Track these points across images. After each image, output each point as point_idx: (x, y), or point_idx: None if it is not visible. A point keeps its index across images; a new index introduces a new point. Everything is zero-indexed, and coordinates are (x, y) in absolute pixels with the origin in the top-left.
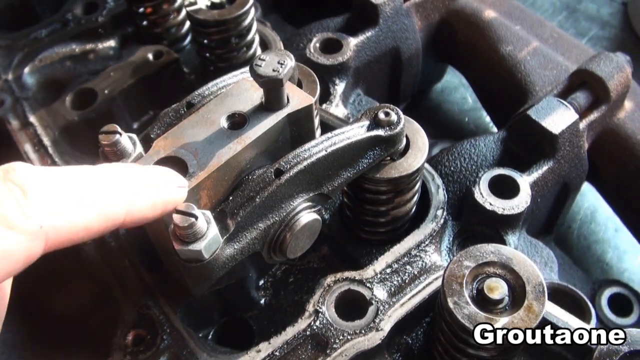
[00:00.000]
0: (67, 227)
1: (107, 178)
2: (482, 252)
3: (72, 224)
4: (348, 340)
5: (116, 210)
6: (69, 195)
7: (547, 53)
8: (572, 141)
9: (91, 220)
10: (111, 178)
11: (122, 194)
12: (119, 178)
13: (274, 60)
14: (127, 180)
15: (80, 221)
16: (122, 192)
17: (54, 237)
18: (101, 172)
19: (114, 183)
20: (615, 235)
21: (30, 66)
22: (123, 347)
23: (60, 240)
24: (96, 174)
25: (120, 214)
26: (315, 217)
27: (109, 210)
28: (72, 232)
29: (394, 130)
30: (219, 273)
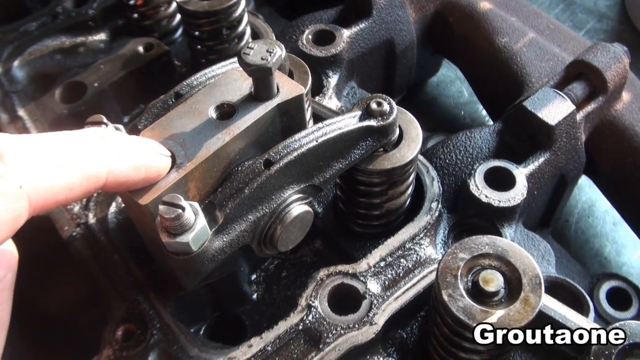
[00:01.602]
0: (48, 187)
1: (87, 139)
2: (477, 244)
3: (52, 183)
4: (341, 334)
5: (97, 169)
6: (47, 156)
7: (543, 44)
8: (569, 132)
9: (72, 179)
10: (91, 139)
11: (102, 154)
12: (99, 139)
13: (263, 49)
14: (108, 141)
15: (61, 180)
16: (102, 151)
17: (37, 198)
18: (81, 134)
19: (94, 143)
20: (613, 229)
21: (19, 59)
22: (113, 342)
23: (44, 201)
24: (75, 136)
25: (101, 173)
26: (306, 209)
27: (90, 168)
28: (54, 191)
29: (386, 120)
30: (208, 266)
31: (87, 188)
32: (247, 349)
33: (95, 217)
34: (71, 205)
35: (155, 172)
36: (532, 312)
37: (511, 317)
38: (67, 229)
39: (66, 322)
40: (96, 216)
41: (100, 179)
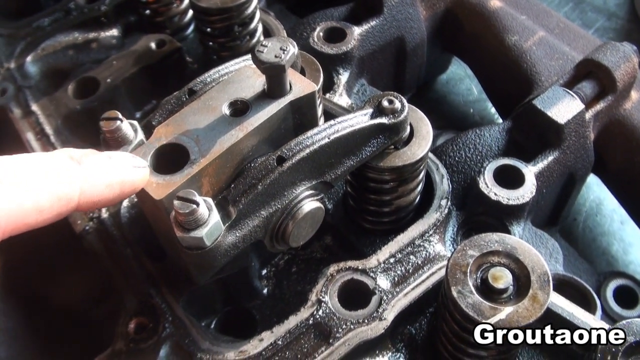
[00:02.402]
0: (17, 210)
1: (56, 160)
2: (486, 241)
3: (21, 206)
4: (351, 329)
5: (67, 191)
6: (14, 179)
7: (553, 43)
8: (578, 131)
9: (41, 202)
10: (60, 160)
11: (72, 175)
12: (69, 160)
13: (277, 46)
14: (77, 161)
15: (29, 203)
16: (72, 172)
17: (6, 221)
18: (50, 155)
19: (64, 165)
20: (621, 228)
21: (32, 55)
22: (125, 334)
23: (14, 224)
24: (44, 157)
25: (72, 195)
26: (317, 205)
27: (60, 190)
28: (23, 214)
29: (397, 118)
30: (221, 261)
31: (58, 210)
32: (258, 342)
33: (108, 211)
34: None
35: (131, 186)
36: (540, 309)
37: (519, 314)
38: (79, 223)
39: (78, 316)
40: (109, 211)
41: (72, 200)
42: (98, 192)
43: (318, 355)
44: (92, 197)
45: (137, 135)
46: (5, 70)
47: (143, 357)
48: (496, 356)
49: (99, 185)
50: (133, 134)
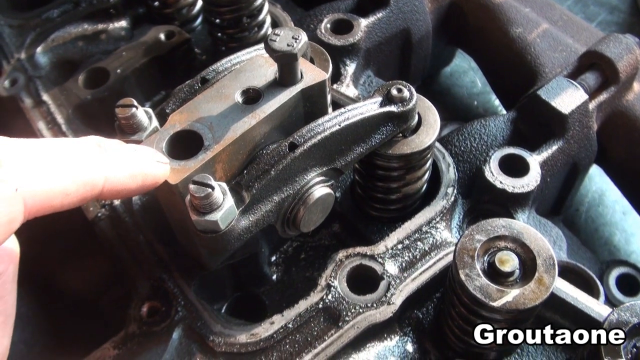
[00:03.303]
0: (44, 191)
1: (85, 146)
2: (493, 226)
3: (48, 188)
4: (360, 313)
5: (94, 177)
6: (44, 161)
7: (556, 35)
8: (581, 121)
9: (68, 185)
10: (88, 147)
11: (99, 162)
12: (96, 147)
13: (289, 35)
14: (105, 149)
15: (57, 185)
16: (99, 159)
17: (32, 202)
18: (78, 141)
19: (92, 151)
20: (623, 218)
21: (42, 46)
22: (138, 318)
23: (40, 205)
24: (73, 143)
25: (98, 181)
26: (328, 191)
27: (86, 176)
28: (50, 196)
29: (406, 106)
30: (234, 245)
31: (83, 195)
32: (269, 325)
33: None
34: None
35: (152, 180)
36: (546, 292)
37: (526, 296)
38: (92, 210)
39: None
40: None
41: (97, 186)
42: (122, 181)
43: (328, 338)
44: (116, 185)
45: (151, 123)
46: (15, 60)
47: (156, 339)
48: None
49: (123, 174)
50: (147, 121)
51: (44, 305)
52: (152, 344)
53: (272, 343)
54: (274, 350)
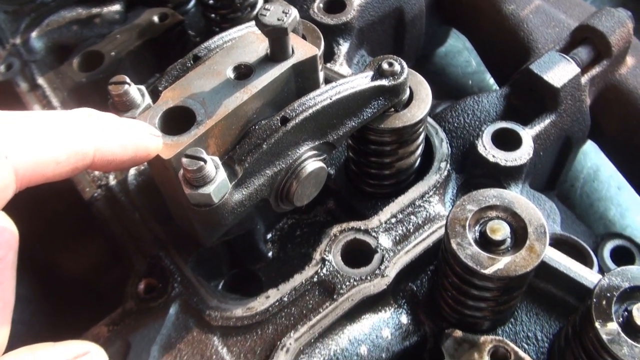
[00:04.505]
0: (35, 160)
1: (75, 117)
2: (484, 196)
3: (39, 156)
4: (354, 285)
5: (84, 146)
6: (35, 130)
7: (549, 11)
8: (574, 95)
9: (59, 154)
10: (79, 117)
11: (90, 132)
12: (87, 117)
13: (279, 10)
14: (95, 119)
15: (47, 154)
16: (90, 129)
17: (24, 170)
18: (69, 112)
19: (82, 121)
20: (618, 193)
21: (37, 30)
22: (135, 295)
23: (31, 174)
24: (63, 114)
25: (89, 150)
26: (320, 165)
27: (77, 145)
28: (41, 164)
29: (397, 80)
30: (228, 219)
31: (74, 164)
32: (265, 299)
33: (116, 178)
34: None
35: (145, 151)
36: (537, 259)
37: (517, 263)
38: (88, 191)
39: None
40: (116, 178)
41: (87, 155)
42: (112, 152)
43: (323, 311)
44: (107, 155)
45: (144, 100)
46: (11, 45)
47: (153, 315)
48: (495, 307)
49: (114, 145)
50: (141, 97)
51: (43, 287)
52: (150, 320)
53: (267, 316)
54: (270, 323)
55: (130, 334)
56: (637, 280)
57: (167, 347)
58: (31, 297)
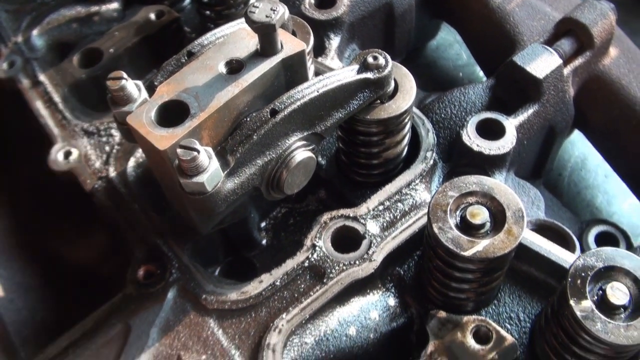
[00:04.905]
0: None
1: None
2: (465, 183)
3: None
4: (343, 270)
5: None
6: None
7: (535, 4)
8: (556, 85)
9: None
10: None
11: None
12: None
13: (267, 7)
14: None
15: None
16: None
17: None
18: None
19: None
20: (605, 181)
21: (38, 28)
22: (135, 280)
23: None
24: None
25: None
26: (309, 155)
27: None
28: None
29: (382, 73)
30: (221, 206)
31: None
32: (258, 284)
33: (116, 171)
34: (92, 161)
35: None
36: (514, 241)
37: (495, 245)
38: (89, 182)
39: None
40: (116, 170)
41: None
42: None
43: (313, 294)
44: None
45: (141, 94)
46: (13, 44)
47: (152, 300)
48: (478, 289)
49: None
50: (137, 92)
51: (47, 275)
52: (149, 304)
53: (260, 300)
54: (263, 306)
55: (131, 318)
56: (612, 261)
57: (166, 330)
58: (34, 286)
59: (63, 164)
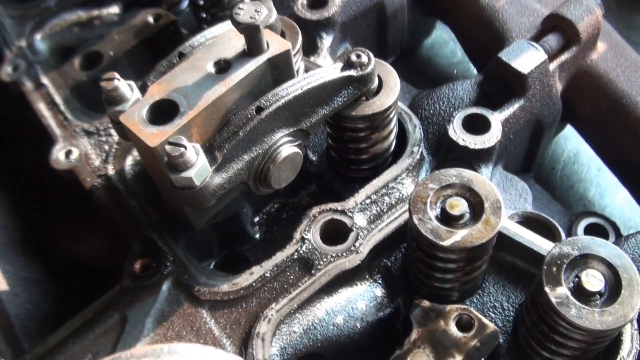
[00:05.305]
0: None
1: None
2: (445, 176)
3: None
4: (331, 261)
5: None
6: None
7: (524, 1)
8: (542, 80)
9: None
10: None
11: None
12: None
13: (252, 9)
14: None
15: None
16: None
17: None
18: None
19: None
20: (597, 174)
21: (41, 33)
22: (131, 273)
23: None
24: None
25: None
26: (295, 150)
27: None
28: None
29: (364, 70)
30: (210, 200)
31: None
32: (249, 275)
33: (114, 169)
34: (92, 160)
35: None
36: (492, 231)
37: (473, 235)
38: (89, 180)
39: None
40: (115, 168)
41: None
42: None
43: (302, 285)
44: None
45: (134, 94)
46: (16, 48)
47: (148, 291)
48: (461, 278)
49: None
50: (130, 92)
51: (51, 270)
52: (145, 295)
53: (251, 291)
54: (253, 297)
55: (127, 309)
56: (587, 249)
57: (161, 320)
58: (39, 280)
59: (64, 162)
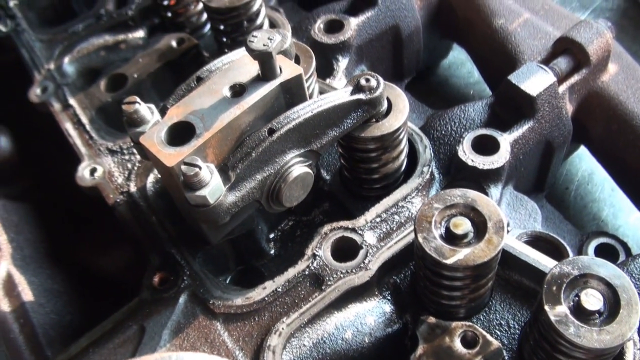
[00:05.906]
0: None
1: None
2: (450, 196)
3: None
4: (341, 277)
5: None
6: None
7: (537, 24)
8: (551, 102)
9: None
10: None
11: None
12: None
13: (265, 37)
14: None
15: None
16: None
17: None
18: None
19: None
20: (611, 195)
21: (69, 56)
22: (150, 286)
23: None
24: None
25: None
26: (306, 170)
27: None
28: None
29: (373, 94)
30: (224, 217)
31: None
32: (262, 290)
33: (136, 186)
34: (115, 177)
35: None
36: (494, 250)
37: (475, 254)
38: (112, 197)
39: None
40: (137, 185)
41: None
42: None
43: (312, 300)
44: None
45: (153, 116)
46: (45, 71)
47: (165, 304)
48: (466, 296)
49: None
50: (150, 114)
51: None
52: (162, 308)
53: (264, 305)
54: (266, 310)
55: (145, 320)
56: (587, 269)
57: (177, 332)
58: (63, 291)
59: (89, 180)
